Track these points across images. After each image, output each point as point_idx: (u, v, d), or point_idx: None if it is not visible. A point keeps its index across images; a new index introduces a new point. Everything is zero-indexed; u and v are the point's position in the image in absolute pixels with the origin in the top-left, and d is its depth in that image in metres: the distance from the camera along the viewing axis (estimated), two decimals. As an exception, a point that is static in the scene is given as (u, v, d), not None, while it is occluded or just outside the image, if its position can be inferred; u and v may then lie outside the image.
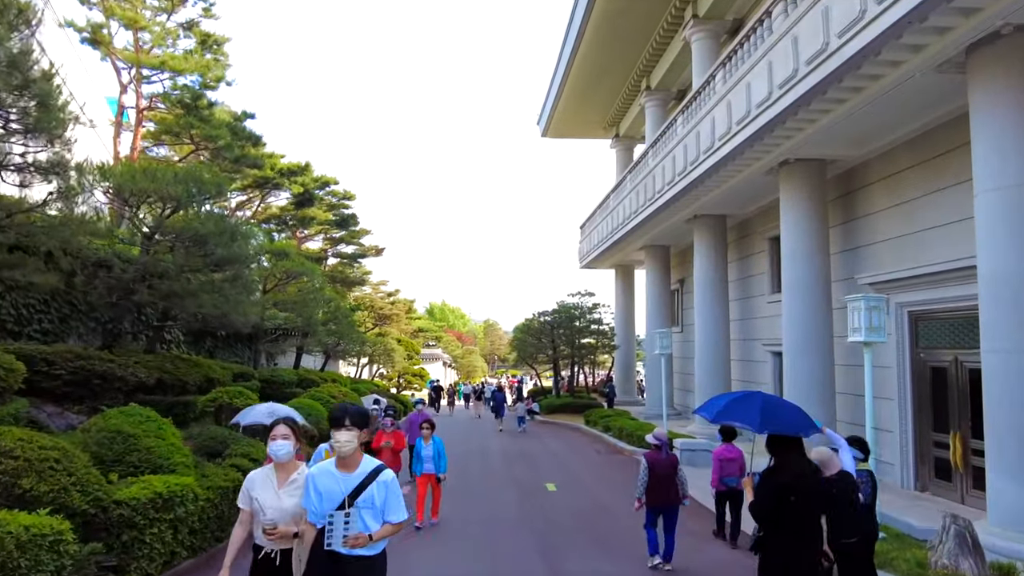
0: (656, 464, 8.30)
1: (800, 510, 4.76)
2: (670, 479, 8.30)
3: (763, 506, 4.86)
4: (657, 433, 8.88)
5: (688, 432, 18.03)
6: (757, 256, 20.13)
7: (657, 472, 8.25)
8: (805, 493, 4.78)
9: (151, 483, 6.10)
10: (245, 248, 11.04)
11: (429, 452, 9.81)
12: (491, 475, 13.76)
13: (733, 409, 5.86)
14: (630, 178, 24.00)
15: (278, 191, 23.31)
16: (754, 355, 20.07)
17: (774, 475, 4.90)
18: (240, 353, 18.92)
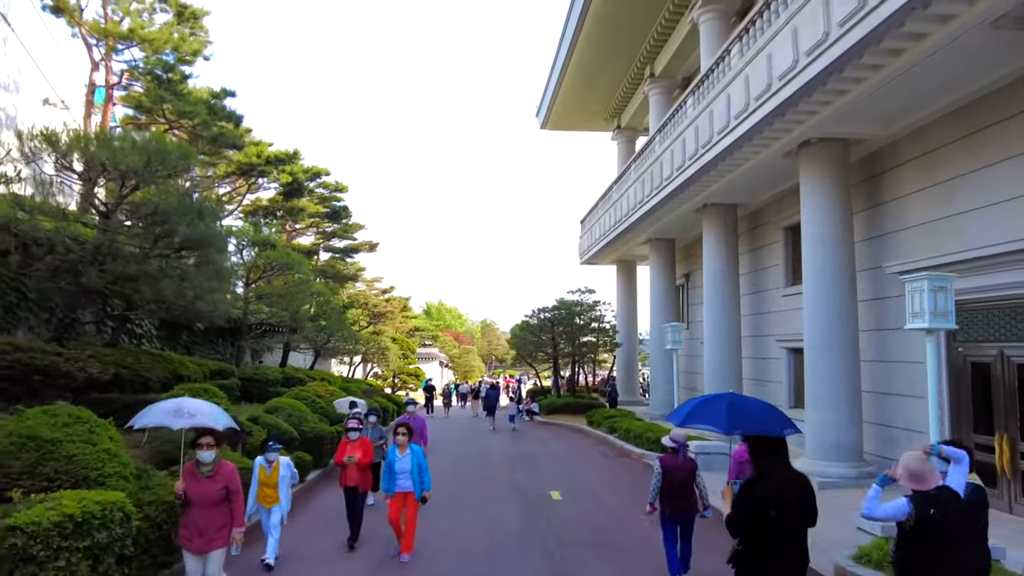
0: (672, 469, 7.49)
1: (781, 526, 4.34)
2: (687, 486, 7.49)
3: (738, 521, 4.46)
4: (674, 435, 7.87)
5: (700, 433, 16.89)
6: (771, 247, 19.03)
7: (673, 478, 7.45)
8: (787, 506, 4.36)
9: (61, 502, 4.81)
10: (213, 228, 9.87)
11: (405, 465, 7.79)
12: (490, 482, 12.63)
13: (700, 411, 5.43)
14: (635, 167, 22.91)
15: (265, 180, 22.08)
16: (767, 352, 18.97)
17: (754, 486, 4.47)
18: (222, 350, 17.77)
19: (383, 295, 40.61)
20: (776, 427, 4.83)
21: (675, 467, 7.45)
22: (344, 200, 28.57)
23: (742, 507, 4.45)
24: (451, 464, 14.46)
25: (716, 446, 13.79)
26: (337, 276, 30.76)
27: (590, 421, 21.66)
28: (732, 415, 5.03)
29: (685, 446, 7.77)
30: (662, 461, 7.53)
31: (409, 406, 11.75)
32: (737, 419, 5.00)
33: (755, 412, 5.11)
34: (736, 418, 5.01)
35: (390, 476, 7.85)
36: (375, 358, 34.44)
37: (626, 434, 16.90)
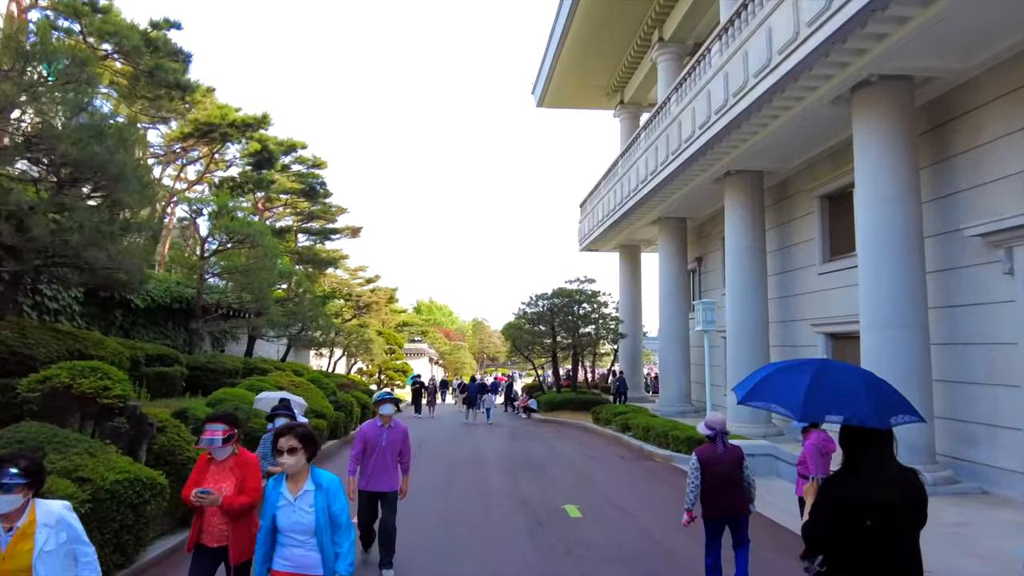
0: (711, 461, 6.10)
1: (882, 540, 3.13)
2: (733, 480, 6.09)
3: (817, 533, 3.25)
4: (711, 420, 6.26)
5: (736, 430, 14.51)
6: (803, 220, 16.76)
7: (713, 471, 6.06)
8: (888, 512, 3.13)
9: None
10: (122, 157, 7.44)
11: (300, 517, 3.77)
12: (488, 494, 10.00)
13: (772, 384, 3.90)
14: (645, 135, 20.61)
15: (232, 149, 19.65)
16: (799, 338, 16.70)
17: (840, 483, 3.27)
18: (172, 334, 15.34)
19: (368, 285, 38.11)
20: (878, 415, 3.34)
21: (715, 459, 6.07)
22: (323, 177, 26.07)
23: (823, 513, 3.27)
24: (438, 470, 12.05)
25: (757, 445, 11.47)
26: (315, 260, 28.15)
27: (596, 418, 19.33)
28: (814, 393, 3.48)
29: (724, 433, 6.19)
30: (699, 454, 6.15)
31: (383, 405, 6.95)
32: (820, 400, 3.48)
33: (850, 393, 3.50)
34: (819, 398, 3.48)
35: (266, 541, 3.85)
36: (358, 351, 31.95)
37: (644, 432, 14.54)
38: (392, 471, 6.82)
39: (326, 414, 13.68)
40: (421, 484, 10.63)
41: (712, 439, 6.17)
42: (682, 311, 22.42)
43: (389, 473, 6.79)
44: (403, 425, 7.09)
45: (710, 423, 6.22)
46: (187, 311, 15.36)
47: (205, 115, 17.40)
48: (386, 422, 6.93)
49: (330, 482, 3.85)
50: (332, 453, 13.88)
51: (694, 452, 6.21)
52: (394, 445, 6.88)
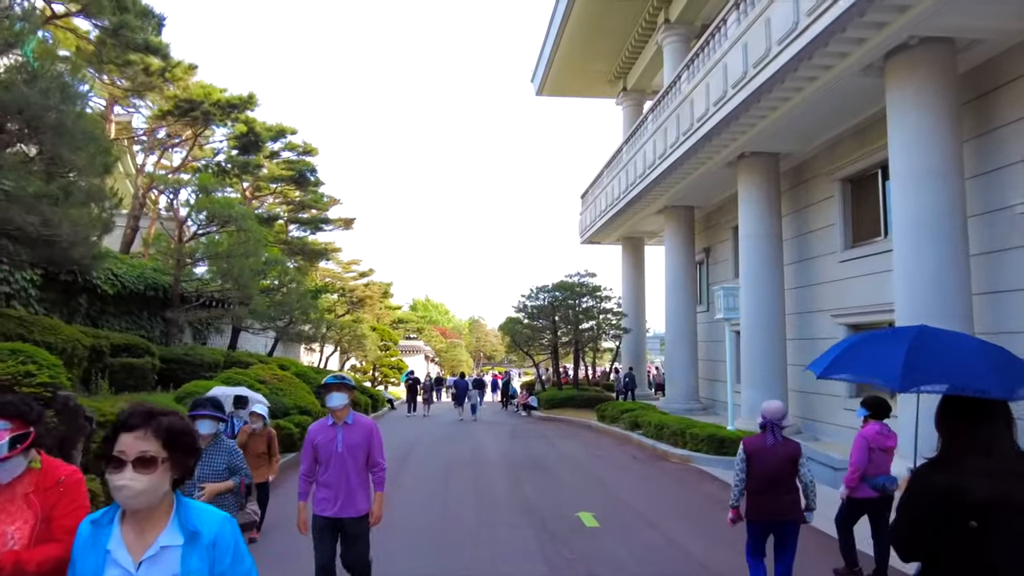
0: (761, 455, 5.24)
1: (989, 546, 2.36)
2: (782, 478, 5.20)
3: (910, 535, 2.53)
4: (766, 408, 5.38)
5: (751, 428, 13.45)
6: (822, 205, 15.75)
7: (761, 466, 5.22)
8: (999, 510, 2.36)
9: None
10: (71, 110, 6.34)
11: None
12: (489, 500, 8.80)
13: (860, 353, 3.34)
14: (652, 117, 19.58)
15: (217, 131, 18.47)
16: (818, 331, 15.69)
17: (933, 472, 2.54)
18: (148, 325, 14.23)
19: (362, 279, 36.96)
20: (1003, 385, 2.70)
21: (764, 452, 5.21)
22: (314, 164, 24.86)
23: (916, 510, 2.52)
24: (432, 473, 10.98)
25: None
26: (305, 251, 26.96)
27: (602, 416, 18.28)
28: (916, 360, 2.98)
29: (778, 424, 5.29)
30: (746, 444, 5.35)
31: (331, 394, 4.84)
32: (924, 366, 2.97)
33: (965, 358, 2.93)
34: (923, 365, 2.97)
35: None
36: (351, 347, 30.85)
37: (657, 431, 13.49)
38: (357, 488, 4.79)
39: (311, 410, 12.61)
40: (412, 489, 9.57)
41: (763, 428, 5.31)
42: (690, 304, 21.41)
43: (352, 492, 4.76)
44: (367, 421, 5.07)
45: (764, 411, 5.36)
46: (164, 300, 14.27)
47: (183, 92, 16.27)
48: (339, 419, 4.83)
49: (218, 530, 1.93)
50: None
51: (742, 442, 5.40)
52: (356, 451, 4.81)
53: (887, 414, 6.43)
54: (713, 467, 10.95)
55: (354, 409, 5.15)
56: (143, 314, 14.07)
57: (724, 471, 10.79)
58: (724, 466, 11.02)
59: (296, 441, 11.23)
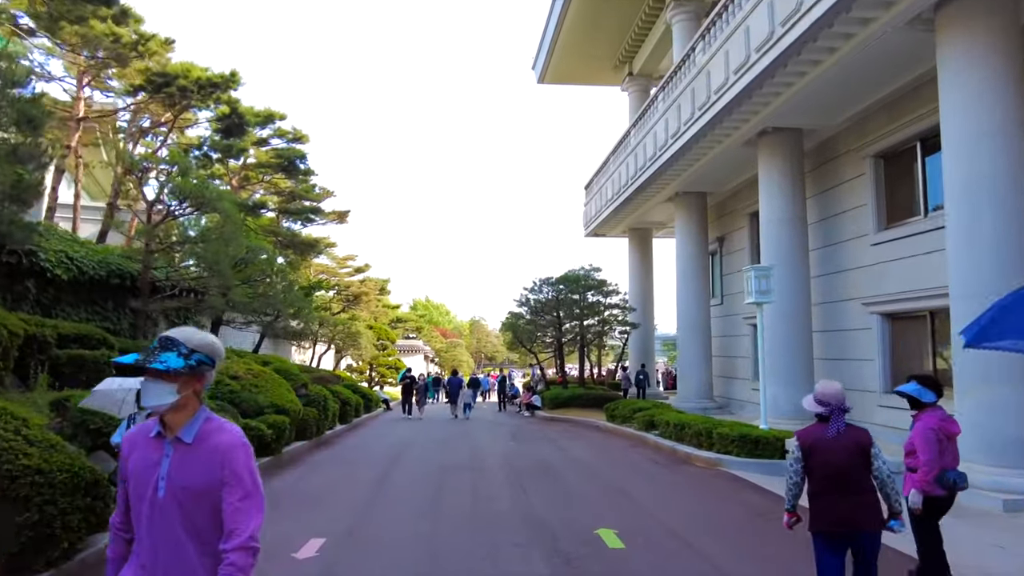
0: (822, 449, 4.07)
1: None
2: (852, 477, 4.04)
3: None
4: (823, 390, 4.19)
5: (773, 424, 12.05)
6: (851, 185, 14.50)
7: (823, 464, 4.06)
8: None
9: None
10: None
11: None
12: (490, 514, 7.39)
13: None
14: (663, 96, 18.32)
15: (195, 111, 17.14)
16: (847, 320, 14.42)
17: None
18: (113, 316, 12.91)
19: (357, 275, 35.66)
20: None
21: (825, 445, 4.06)
22: (304, 152, 23.48)
23: None
24: (423, 482, 9.64)
25: None
26: (295, 243, 25.60)
27: (611, 415, 16.97)
28: None
29: (842, 410, 4.12)
30: (801, 437, 4.18)
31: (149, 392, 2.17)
32: None
33: None
34: None
35: None
36: (345, 345, 29.54)
37: (677, 431, 12.15)
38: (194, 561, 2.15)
39: (290, 410, 11.31)
40: (398, 501, 8.29)
41: (823, 418, 4.14)
42: (702, 297, 20.13)
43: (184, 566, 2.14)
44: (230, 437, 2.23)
45: (822, 395, 4.16)
46: (133, 289, 13.01)
47: (158, 66, 14.96)
48: (170, 429, 2.21)
49: None
50: (297, 459, 11.48)
51: (796, 435, 4.25)
52: (195, 498, 2.16)
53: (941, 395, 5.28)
54: (747, 472, 9.64)
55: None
56: (108, 304, 12.77)
57: (761, 476, 9.48)
58: (759, 470, 9.73)
59: (269, 445, 9.96)
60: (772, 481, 9.12)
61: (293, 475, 9.88)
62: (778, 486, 8.76)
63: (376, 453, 12.77)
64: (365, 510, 7.67)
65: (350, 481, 9.50)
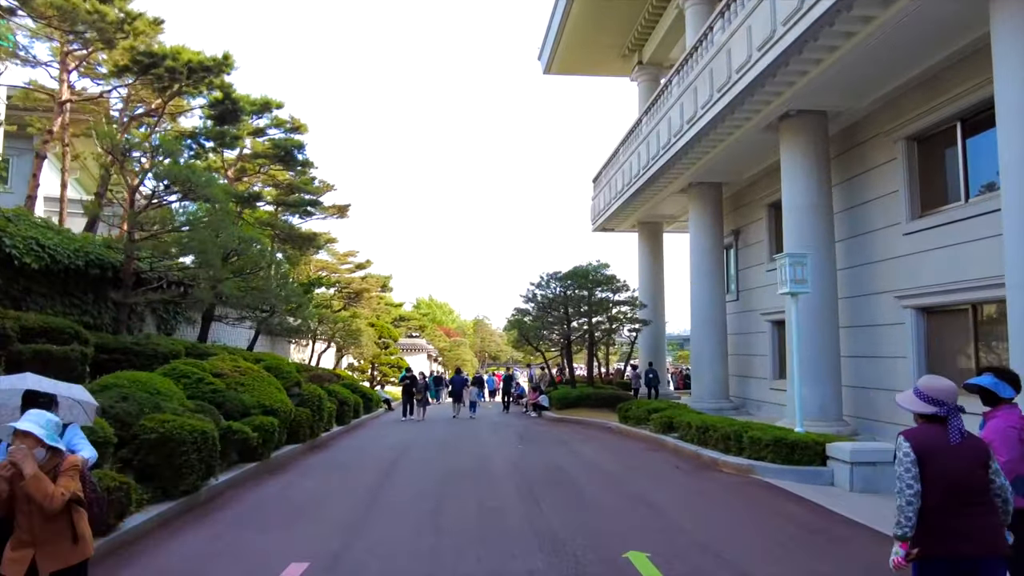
0: (941, 457, 3.28)
1: None
2: (979, 491, 3.31)
3: None
4: (935, 387, 3.43)
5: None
6: (881, 171, 13.60)
7: (941, 474, 3.26)
8: None
9: None
10: None
11: None
12: (498, 530, 6.50)
13: None
14: (677, 80, 17.42)
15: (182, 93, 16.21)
16: (878, 315, 13.51)
17: None
18: (93, 310, 12.02)
19: (359, 271, 34.75)
20: None
21: (948, 453, 3.28)
22: (302, 141, 22.61)
23: None
24: (422, 490, 8.73)
25: (878, 449, 8.22)
26: (292, 237, 24.66)
27: (624, 416, 16.08)
28: None
29: (957, 409, 3.39)
30: (915, 441, 3.31)
31: None
32: None
33: None
34: None
35: None
36: (345, 343, 28.70)
37: (700, 434, 11.24)
38: None
39: (279, 410, 10.44)
40: (394, 514, 7.42)
41: (938, 419, 3.37)
42: (717, 292, 19.24)
43: None
44: None
45: (936, 391, 3.39)
46: (116, 281, 12.18)
47: (145, 44, 14.12)
48: None
49: None
50: (286, 464, 10.59)
51: (904, 437, 3.35)
52: None
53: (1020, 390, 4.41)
54: (783, 479, 8.83)
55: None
56: (87, 297, 11.91)
57: (798, 485, 8.53)
58: (796, 478, 8.84)
59: (255, 449, 9.10)
60: (810, 490, 8.24)
61: (280, 483, 9.00)
62: (821, 496, 7.83)
63: (373, 457, 11.91)
64: (357, 525, 6.80)
65: (343, 490, 8.62)
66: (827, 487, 8.41)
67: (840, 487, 8.37)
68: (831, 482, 8.49)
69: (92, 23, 12.28)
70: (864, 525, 6.46)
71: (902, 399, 3.61)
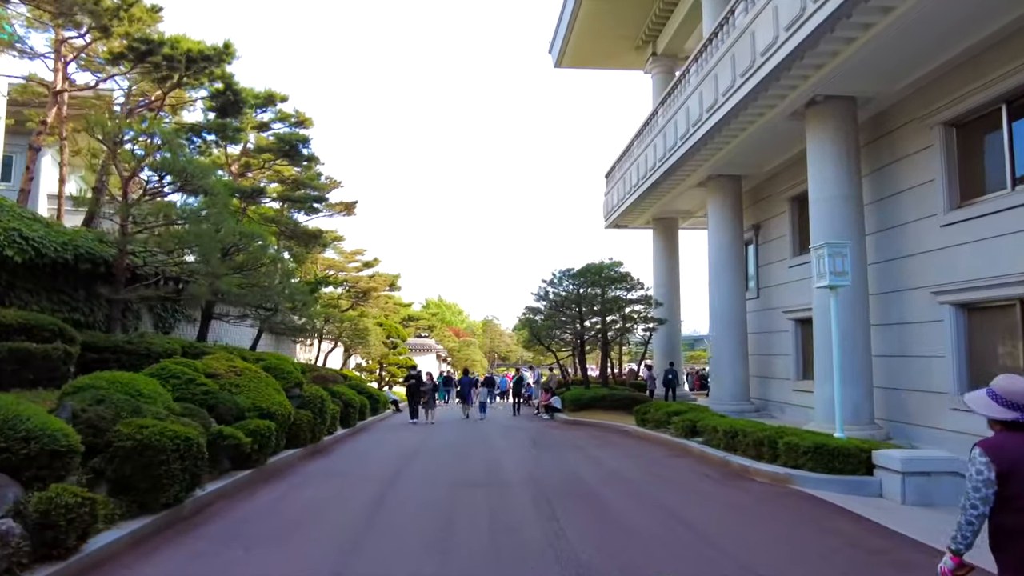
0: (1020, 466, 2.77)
1: None
2: None
3: None
4: (1010, 389, 2.91)
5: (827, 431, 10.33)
6: (915, 159, 12.83)
7: None
8: None
9: None
10: None
11: None
12: (516, 552, 5.75)
13: None
14: (695, 68, 16.72)
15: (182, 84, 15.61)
16: (912, 313, 12.74)
17: None
18: (84, 307, 11.40)
19: (366, 270, 34.16)
20: None
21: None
22: (308, 135, 21.95)
23: None
24: (429, 504, 8.03)
25: (937, 458, 7.46)
26: (297, 233, 24.03)
27: (642, 419, 15.36)
28: None
29: None
30: (996, 451, 2.84)
31: None
32: None
33: None
34: None
35: None
36: (352, 343, 28.10)
37: (728, 439, 10.49)
38: None
39: (277, 413, 9.81)
40: (395, 532, 6.75)
41: (1019, 427, 2.92)
42: (737, 290, 18.50)
43: None
44: None
45: (1012, 394, 2.93)
46: (107, 276, 11.60)
47: (139, 29, 13.53)
48: None
49: None
50: (284, 470, 9.92)
51: (981, 450, 2.88)
52: None
53: None
54: (826, 491, 8.03)
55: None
56: (78, 293, 11.32)
57: (843, 497, 7.72)
58: (840, 489, 8.02)
59: (250, 456, 8.46)
60: (858, 503, 7.51)
61: (275, 492, 8.34)
62: (872, 510, 7.04)
63: (377, 464, 11.24)
64: (355, 544, 6.12)
65: (342, 502, 7.94)
66: (875, 499, 7.65)
67: (890, 499, 7.62)
68: (879, 493, 7.73)
69: (86, 7, 11.73)
70: (928, 546, 5.71)
71: (974, 402, 3.07)
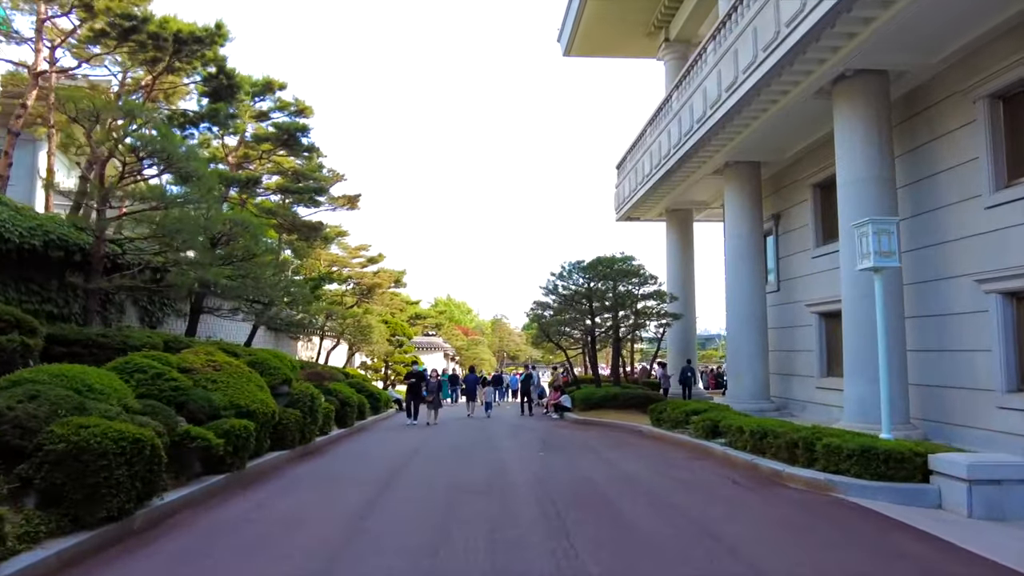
0: None
1: None
2: None
3: None
4: None
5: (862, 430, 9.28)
6: (954, 136, 11.84)
7: None
8: None
9: None
10: None
11: None
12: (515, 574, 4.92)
13: None
14: (713, 47, 15.75)
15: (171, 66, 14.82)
16: (953, 303, 11.75)
17: None
18: (57, 298, 10.56)
19: (371, 265, 33.30)
20: None
21: None
22: (308, 125, 21.13)
23: None
24: (425, 513, 7.14)
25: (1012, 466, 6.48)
26: (296, 226, 23.16)
27: (658, 419, 14.42)
28: None
29: None
30: None
31: None
32: None
33: None
34: None
35: None
36: (355, 340, 27.28)
37: (756, 440, 9.52)
38: None
39: (257, 412, 8.95)
40: (383, 549, 5.88)
41: None
42: (756, 282, 17.52)
43: None
44: None
45: None
46: (83, 265, 10.82)
47: (118, 4, 12.76)
48: None
49: None
50: (267, 475, 9.08)
51: None
52: None
53: None
54: (875, 500, 7.01)
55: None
56: (51, 283, 10.52)
57: (899, 508, 6.80)
58: (893, 498, 7.08)
59: (222, 458, 7.61)
60: (915, 515, 6.53)
61: (251, 500, 7.47)
62: (935, 524, 6.07)
63: (372, 467, 10.40)
64: (334, 564, 5.26)
65: (325, 512, 7.04)
66: (935, 511, 6.60)
67: (953, 511, 6.55)
68: (938, 504, 6.71)
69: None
70: (1018, 572, 4.77)
71: None
